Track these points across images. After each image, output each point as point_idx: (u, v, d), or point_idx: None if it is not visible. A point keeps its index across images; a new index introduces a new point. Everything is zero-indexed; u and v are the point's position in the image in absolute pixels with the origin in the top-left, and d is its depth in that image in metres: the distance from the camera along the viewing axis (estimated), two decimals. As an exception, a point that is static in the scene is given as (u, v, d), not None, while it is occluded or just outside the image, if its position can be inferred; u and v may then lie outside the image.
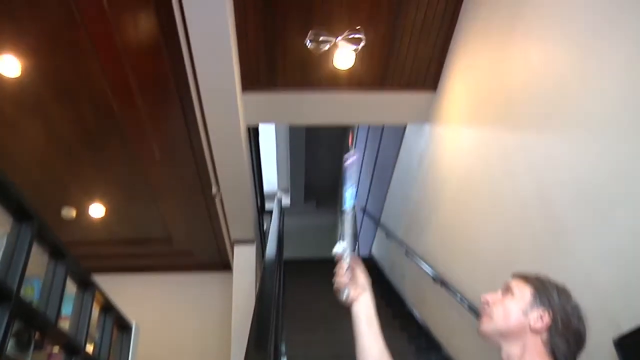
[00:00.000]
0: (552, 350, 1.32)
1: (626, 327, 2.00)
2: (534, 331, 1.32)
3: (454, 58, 4.33)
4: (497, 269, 3.35)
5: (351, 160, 1.55)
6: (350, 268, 1.46)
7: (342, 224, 1.54)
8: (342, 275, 1.44)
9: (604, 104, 2.29)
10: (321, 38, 4.00)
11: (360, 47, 3.98)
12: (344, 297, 1.43)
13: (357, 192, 1.43)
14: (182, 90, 4.25)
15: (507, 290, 1.42)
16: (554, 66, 2.73)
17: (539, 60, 2.89)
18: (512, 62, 3.25)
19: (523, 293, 1.38)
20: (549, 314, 1.33)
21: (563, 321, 1.33)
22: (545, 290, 1.39)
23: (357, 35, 3.97)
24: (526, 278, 1.43)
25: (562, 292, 1.40)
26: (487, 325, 1.37)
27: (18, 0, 3.59)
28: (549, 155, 2.76)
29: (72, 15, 3.68)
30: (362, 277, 1.46)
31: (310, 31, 3.98)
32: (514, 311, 1.36)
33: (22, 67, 4.00)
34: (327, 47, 4.02)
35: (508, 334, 1.34)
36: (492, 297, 1.43)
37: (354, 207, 1.52)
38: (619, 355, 2.02)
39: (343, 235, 1.49)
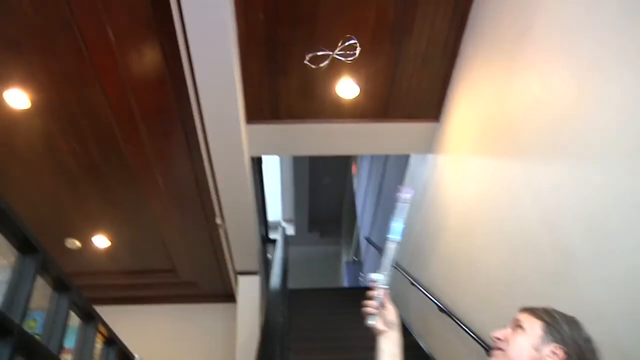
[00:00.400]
0: None
1: (636, 359, 1.98)
2: None
3: (456, 88, 4.36)
4: (503, 299, 3.32)
5: (406, 196, 1.56)
6: (382, 300, 1.48)
7: (384, 255, 1.54)
8: (373, 302, 1.47)
9: (606, 132, 2.29)
10: (319, 53, 4.01)
11: (357, 53, 3.95)
12: (370, 323, 1.47)
13: (404, 229, 1.46)
14: (187, 122, 4.29)
15: (516, 325, 1.39)
16: (555, 95, 2.75)
17: (541, 90, 2.91)
18: (514, 91, 3.27)
19: (533, 328, 1.36)
20: (562, 349, 1.31)
21: (578, 355, 1.31)
22: (556, 324, 1.36)
23: (350, 42, 3.96)
24: (535, 312, 1.41)
25: (573, 325, 1.37)
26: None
27: (27, 34, 3.66)
28: (553, 183, 2.76)
29: (79, 49, 3.74)
30: (391, 314, 1.49)
31: (307, 51, 4.00)
32: (526, 347, 1.33)
33: (30, 100, 4.06)
34: (326, 62, 4.03)
35: None
36: (503, 334, 1.40)
37: (399, 242, 1.52)
38: (628, 387, 1.99)
39: (383, 267, 1.51)
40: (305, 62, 3.98)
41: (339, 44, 3.91)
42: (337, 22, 3.94)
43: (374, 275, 1.51)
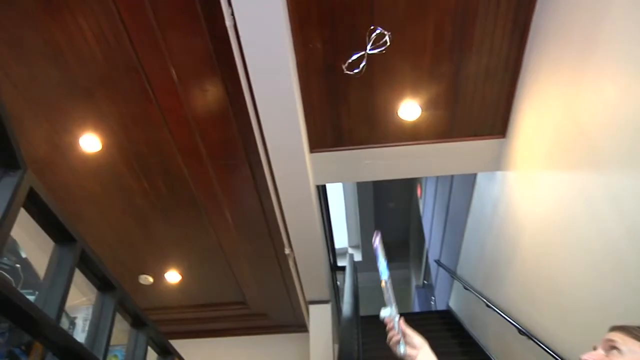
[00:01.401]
0: None
1: None
2: None
3: (521, 101, 4.24)
4: (589, 320, 3.16)
5: (377, 241, 1.76)
6: (401, 329, 1.57)
7: (386, 292, 1.67)
8: (393, 334, 1.56)
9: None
10: (353, 58, 3.95)
11: (388, 41, 3.82)
12: (401, 351, 1.52)
13: (387, 264, 1.56)
14: (252, 155, 4.36)
15: (610, 346, 1.23)
16: (632, 99, 2.61)
17: (615, 95, 2.78)
18: (585, 99, 3.14)
19: (632, 349, 1.19)
20: None
21: None
22: None
23: (377, 32, 3.85)
24: (630, 331, 1.24)
25: None
26: None
27: (97, 81, 3.83)
28: (637, 194, 2.61)
29: (145, 91, 3.89)
30: (415, 337, 1.55)
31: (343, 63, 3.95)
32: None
33: (101, 143, 4.23)
34: (363, 63, 3.97)
35: None
36: (595, 357, 1.24)
37: (389, 277, 1.70)
38: None
39: (388, 302, 1.64)
40: (346, 72, 3.94)
41: (367, 40, 3.84)
42: (396, 45, 3.92)
43: (383, 312, 1.63)
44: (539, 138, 3.96)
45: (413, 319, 9.21)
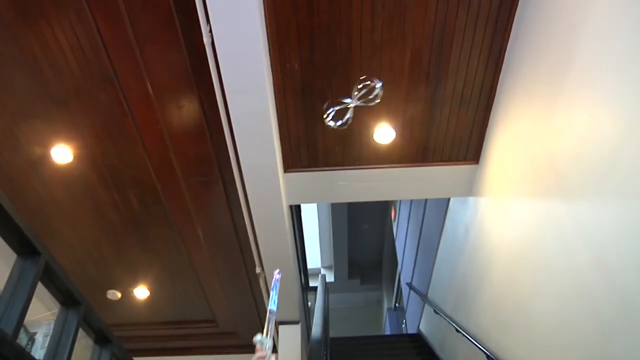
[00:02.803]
0: None
1: None
2: None
3: (495, 128, 4.30)
4: (556, 348, 3.18)
5: (277, 276, 1.96)
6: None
7: (267, 323, 1.75)
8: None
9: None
10: (337, 108, 3.96)
11: (380, 92, 3.86)
12: None
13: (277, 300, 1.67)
14: (225, 173, 4.35)
15: None
16: (602, 131, 2.66)
17: (586, 127, 2.83)
18: (556, 129, 3.19)
19: None
20: None
21: None
22: None
23: (365, 83, 3.86)
24: None
25: None
26: None
27: (73, 93, 3.80)
28: (605, 225, 2.64)
29: (120, 105, 3.87)
30: None
31: (325, 109, 3.94)
32: None
33: (73, 154, 4.17)
34: (349, 115, 3.99)
35: None
36: None
37: (275, 312, 1.80)
38: None
39: (268, 333, 1.71)
40: (328, 123, 3.93)
41: (354, 91, 3.85)
42: (373, 68, 3.96)
43: (258, 337, 1.70)
44: (511, 165, 4.02)
45: (384, 342, 9.21)
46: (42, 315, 2.74)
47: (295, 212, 5.62)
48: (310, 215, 11.26)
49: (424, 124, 4.34)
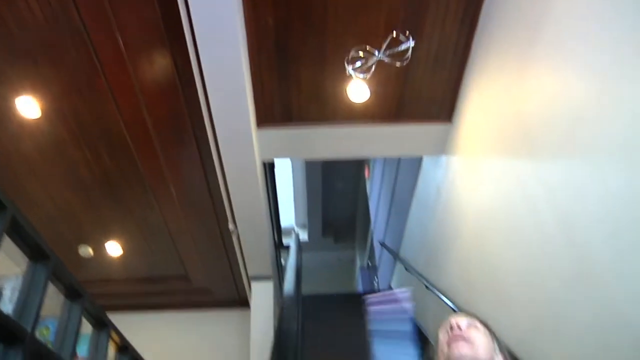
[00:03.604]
0: None
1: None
2: None
3: (468, 89, 4.32)
4: (520, 303, 3.27)
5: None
6: None
7: None
8: None
9: (624, 131, 2.24)
10: (362, 55, 3.91)
11: (410, 50, 3.84)
12: None
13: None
14: (198, 129, 4.30)
15: (471, 325, 1.44)
16: (571, 93, 2.69)
17: (556, 88, 2.86)
18: (527, 90, 3.21)
19: (485, 332, 1.43)
20: (503, 357, 1.41)
21: None
22: (496, 336, 1.47)
23: (405, 46, 3.82)
24: (479, 319, 1.50)
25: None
26: (466, 351, 1.34)
27: (40, 47, 3.69)
28: (569, 184, 2.70)
29: (92, 61, 3.77)
30: None
31: (349, 54, 3.92)
32: (488, 345, 1.39)
33: (41, 109, 4.08)
34: (372, 67, 3.96)
35: None
36: (463, 324, 1.43)
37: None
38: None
39: None
40: (350, 72, 3.92)
41: (385, 45, 3.79)
42: (348, 27, 3.92)
43: None
44: (483, 125, 4.05)
45: (356, 300, 9.33)
46: (13, 271, 2.72)
47: (269, 169, 5.61)
48: (284, 173, 11.24)
49: (398, 83, 4.33)
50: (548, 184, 2.93)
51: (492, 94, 3.85)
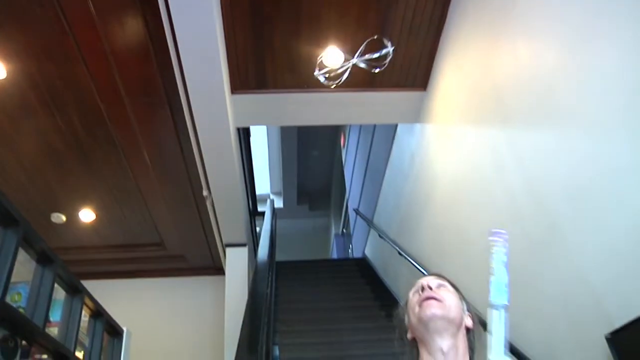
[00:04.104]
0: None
1: (619, 323, 1.99)
2: (466, 328, 1.39)
3: (443, 56, 4.32)
4: (488, 267, 3.33)
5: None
6: None
7: (494, 326, 1.09)
8: None
9: (592, 99, 2.28)
10: (334, 68, 3.92)
11: (387, 62, 3.91)
12: None
13: (508, 283, 1.24)
14: (172, 94, 4.24)
15: (440, 285, 1.45)
16: (542, 62, 2.72)
17: (528, 57, 2.89)
18: (500, 59, 3.24)
19: (454, 291, 1.45)
20: (471, 315, 1.44)
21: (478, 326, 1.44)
22: (463, 296, 1.48)
23: (383, 52, 3.87)
24: (446, 278, 1.50)
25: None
26: (437, 310, 1.36)
27: (5, 8, 3.57)
28: (537, 150, 2.75)
29: (59, 22, 3.67)
30: None
31: (319, 63, 3.92)
32: (458, 304, 1.40)
33: (7, 71, 3.97)
34: (345, 74, 4.00)
35: (456, 324, 1.36)
36: (433, 284, 1.44)
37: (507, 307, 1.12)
38: (611, 350, 2.00)
39: (502, 344, 1.04)
40: (318, 75, 3.92)
41: (361, 49, 3.79)
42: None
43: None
44: (457, 93, 4.07)
45: (329, 266, 9.44)
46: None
47: (244, 136, 5.58)
48: (260, 141, 11.20)
49: (373, 51, 4.30)
50: (518, 150, 2.97)
51: (466, 62, 3.87)
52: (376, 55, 3.98)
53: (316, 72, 4.01)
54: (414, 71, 4.57)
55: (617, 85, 2.10)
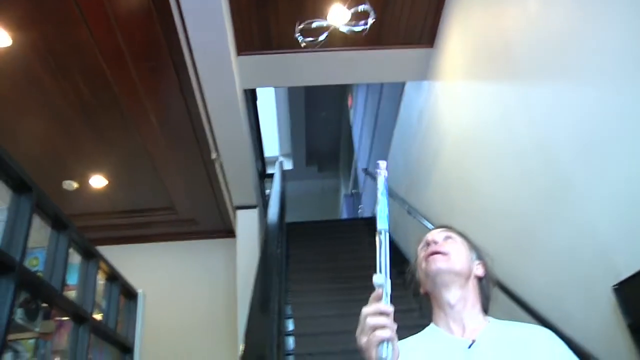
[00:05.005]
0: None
1: (626, 274, 2.01)
2: (476, 277, 1.42)
3: (450, 11, 4.26)
4: (496, 223, 3.35)
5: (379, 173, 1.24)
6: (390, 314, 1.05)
7: (379, 249, 1.12)
8: (383, 322, 1.03)
9: (603, 53, 2.25)
10: (314, 25, 3.86)
11: (369, 22, 3.83)
12: (383, 355, 0.99)
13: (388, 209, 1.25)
14: (176, 57, 4.21)
15: (446, 237, 1.46)
16: (552, 15, 2.68)
17: (537, 9, 2.84)
18: (509, 12, 3.18)
19: (462, 242, 1.47)
20: (482, 263, 1.45)
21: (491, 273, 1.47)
22: (473, 243, 1.51)
23: (362, 9, 3.79)
24: (454, 229, 1.52)
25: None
26: (442, 264, 1.38)
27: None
28: (547, 105, 2.73)
29: (60, -16, 3.63)
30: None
31: (297, 24, 3.85)
32: (465, 255, 1.43)
33: (12, 38, 3.96)
34: (324, 36, 3.92)
35: (463, 276, 1.39)
36: (439, 237, 1.46)
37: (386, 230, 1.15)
38: (618, 301, 2.03)
39: (381, 266, 1.09)
40: (297, 36, 3.85)
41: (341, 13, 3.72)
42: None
43: (377, 279, 1.07)
44: (465, 49, 4.02)
45: (341, 225, 9.50)
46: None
47: (251, 98, 5.57)
48: (268, 103, 11.16)
49: (378, 7, 4.23)
50: (527, 104, 2.95)
51: (474, 16, 3.81)
52: (352, 11, 3.89)
53: (297, 35, 3.95)
54: (420, 28, 4.50)
55: (628, 38, 2.07)
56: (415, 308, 1.58)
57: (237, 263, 5.96)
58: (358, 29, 3.91)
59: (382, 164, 1.22)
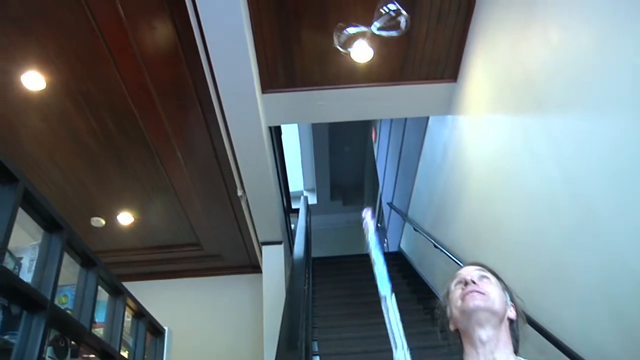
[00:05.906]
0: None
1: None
2: (508, 319, 1.41)
3: (473, 45, 4.28)
4: (524, 257, 3.30)
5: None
6: None
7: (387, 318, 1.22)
8: None
9: (628, 83, 2.24)
10: (349, 31, 3.88)
11: (404, 25, 3.79)
12: None
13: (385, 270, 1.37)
14: (202, 95, 4.30)
15: (482, 276, 1.46)
16: (575, 46, 2.67)
17: (560, 41, 2.84)
18: (531, 44, 3.19)
19: (497, 282, 1.46)
20: (514, 306, 1.45)
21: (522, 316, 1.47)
22: (507, 286, 1.49)
23: (391, 11, 3.77)
24: (488, 268, 1.51)
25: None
26: (481, 302, 1.38)
27: (38, 16, 3.66)
28: (573, 136, 2.71)
29: (91, 29, 3.75)
30: None
31: (336, 28, 3.89)
32: (501, 296, 1.42)
33: (45, 81, 4.08)
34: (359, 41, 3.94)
35: (499, 316, 1.38)
36: (476, 277, 1.45)
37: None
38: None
39: (394, 337, 1.18)
40: (337, 47, 3.89)
41: (376, 15, 3.74)
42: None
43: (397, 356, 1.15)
44: (488, 82, 4.03)
45: (367, 259, 9.42)
46: (30, 244, 2.77)
47: (276, 134, 5.62)
48: (292, 138, 11.25)
49: (401, 42, 4.28)
50: (553, 136, 2.93)
51: (497, 49, 3.82)
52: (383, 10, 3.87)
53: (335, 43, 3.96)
54: (443, 62, 4.53)
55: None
56: (444, 344, 1.55)
57: (264, 298, 5.94)
58: (393, 33, 3.90)
59: (367, 213, 1.25)
